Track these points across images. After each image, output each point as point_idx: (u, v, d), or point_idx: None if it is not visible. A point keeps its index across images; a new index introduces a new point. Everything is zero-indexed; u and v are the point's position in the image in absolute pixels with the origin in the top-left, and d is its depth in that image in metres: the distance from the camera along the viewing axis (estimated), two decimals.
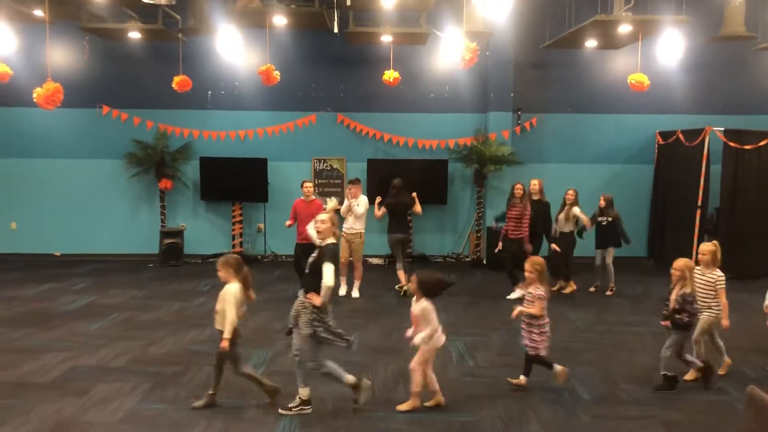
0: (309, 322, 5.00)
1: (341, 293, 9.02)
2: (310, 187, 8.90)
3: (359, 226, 9.11)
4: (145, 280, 10.18)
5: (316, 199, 8.93)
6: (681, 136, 10.95)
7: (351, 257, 9.14)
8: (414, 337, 5.17)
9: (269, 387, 5.31)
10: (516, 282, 9.04)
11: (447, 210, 12.08)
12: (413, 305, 5.21)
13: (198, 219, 12.04)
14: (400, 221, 9.33)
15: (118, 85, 11.61)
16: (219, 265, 5.28)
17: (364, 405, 5.18)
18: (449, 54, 8.81)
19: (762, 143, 10.42)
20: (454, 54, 7.83)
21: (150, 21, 9.42)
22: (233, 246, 11.95)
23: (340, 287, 9.06)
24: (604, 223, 9.22)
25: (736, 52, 11.39)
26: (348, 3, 8.40)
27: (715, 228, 10.74)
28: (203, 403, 5.19)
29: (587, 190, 10.51)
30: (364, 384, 5.23)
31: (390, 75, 9.94)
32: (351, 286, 9.17)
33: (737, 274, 9.24)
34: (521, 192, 8.99)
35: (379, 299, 8.96)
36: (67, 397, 5.37)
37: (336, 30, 9.20)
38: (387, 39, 9.81)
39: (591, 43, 10.08)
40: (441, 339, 5.20)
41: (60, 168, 11.79)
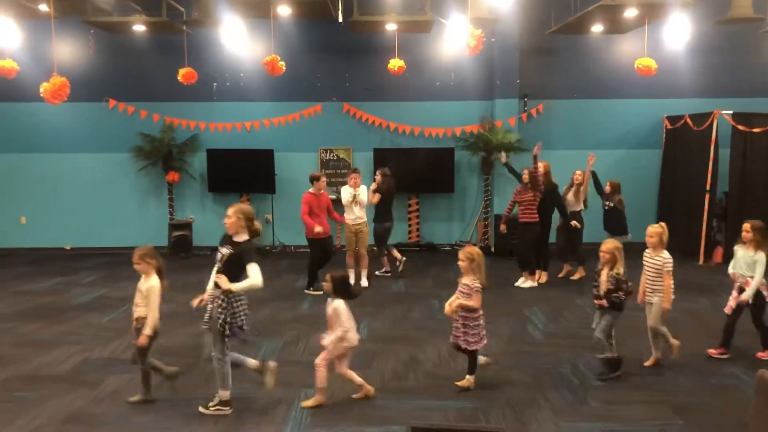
0: (218, 315, 4.88)
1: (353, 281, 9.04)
2: (324, 182, 8.88)
3: (363, 215, 9.13)
4: None
5: (325, 192, 8.91)
6: (689, 120, 10.88)
7: (357, 247, 9.13)
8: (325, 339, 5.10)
9: (168, 372, 5.27)
10: (526, 269, 9.05)
11: (454, 198, 12.07)
12: (327, 305, 5.14)
13: (206, 211, 12.07)
14: (388, 209, 9.44)
15: (123, 79, 11.63)
16: (138, 258, 5.11)
17: (273, 388, 5.16)
18: (454, 41, 8.77)
19: None
20: (459, 41, 7.80)
21: (154, 13, 9.41)
22: None
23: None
24: (606, 208, 9.21)
25: (743, 34, 11.29)
26: None
27: (724, 212, 10.69)
28: (140, 398, 5.15)
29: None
30: (269, 366, 5.16)
31: (395, 63, 9.92)
32: (357, 276, 9.18)
33: None
34: (527, 178, 8.97)
35: (387, 288, 8.97)
36: (79, 390, 5.42)
37: (340, 19, 9.16)
38: (391, 27, 9.78)
39: (597, 28, 10.00)
40: (354, 338, 5.11)
41: (68, 162, 11.84)
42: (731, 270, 6.15)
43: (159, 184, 11.91)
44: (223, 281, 4.85)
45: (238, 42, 9.51)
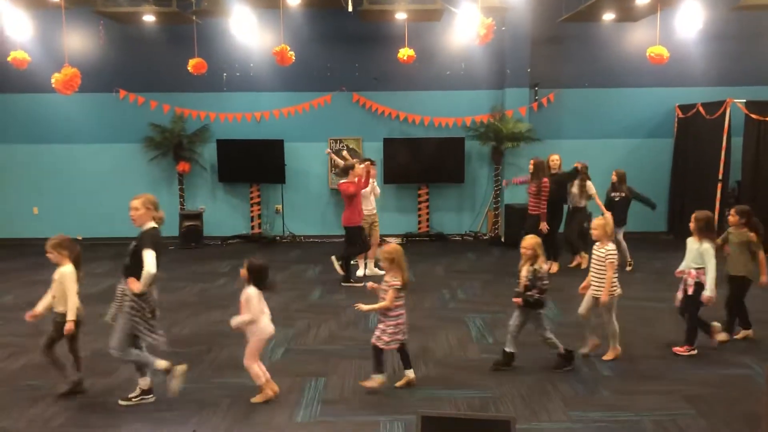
0: (128, 312, 4.84)
1: (359, 273, 9.06)
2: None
3: (374, 206, 9.14)
4: (166, 262, 10.15)
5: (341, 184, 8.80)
6: (701, 109, 10.79)
7: (369, 237, 9.13)
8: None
9: (72, 379, 5.17)
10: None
11: (464, 188, 12.04)
12: (242, 292, 5.07)
13: (216, 201, 12.12)
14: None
15: (134, 69, 11.66)
16: (50, 247, 5.14)
17: (176, 393, 4.96)
18: (464, 30, 8.72)
19: None
20: (469, 30, 7.75)
21: (164, 4, 9.42)
22: (252, 227, 12.03)
23: (358, 269, 9.11)
24: (616, 199, 9.16)
25: (757, 21, 11.17)
26: None
27: (737, 201, 10.60)
28: (66, 389, 5.12)
29: (606, 165, 10.40)
30: (178, 369, 5.00)
31: (405, 53, 9.88)
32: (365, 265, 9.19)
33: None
34: (532, 168, 8.94)
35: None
36: (93, 378, 5.46)
37: (350, 8, 9.14)
38: (401, 16, 9.73)
39: (609, 16, 9.92)
40: (267, 329, 5.04)
41: (79, 153, 11.91)
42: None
43: (170, 174, 11.95)
44: (133, 284, 4.88)
45: (247, 32, 9.49)
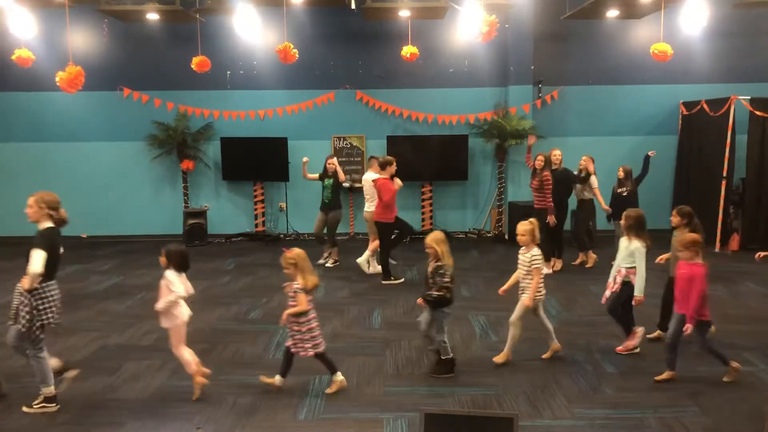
0: (26, 313, 4.80)
1: (370, 271, 9.08)
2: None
3: None
4: None
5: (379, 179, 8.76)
6: (705, 105, 10.76)
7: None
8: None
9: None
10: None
11: (468, 185, 12.04)
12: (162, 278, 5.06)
13: (220, 199, 12.14)
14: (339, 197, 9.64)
15: (138, 67, 11.67)
16: None
17: (63, 392, 4.97)
18: (468, 28, 8.70)
19: None
20: (472, 27, 7.74)
21: (168, 2, 9.41)
22: (256, 225, 12.05)
23: (369, 266, 9.15)
24: (624, 194, 9.14)
25: (762, 18, 11.12)
26: None
27: (741, 199, 10.60)
28: None
29: (610, 162, 10.39)
30: (68, 375, 5.05)
31: (408, 50, 9.86)
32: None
33: (764, 245, 9.23)
34: (541, 163, 8.94)
35: (400, 275, 8.96)
36: (98, 375, 5.49)
37: (353, 6, 9.13)
38: (404, 14, 9.72)
39: (612, 13, 9.89)
40: (183, 314, 5.01)
41: (84, 151, 11.93)
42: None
43: (174, 172, 11.98)
44: (24, 281, 4.80)
45: (251, 30, 9.48)
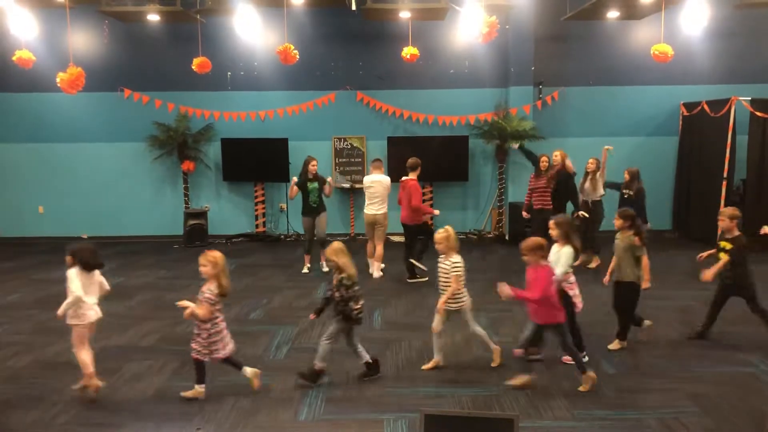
0: None
1: (377, 275, 9.05)
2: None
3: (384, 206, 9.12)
4: (171, 260, 10.32)
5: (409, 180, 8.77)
6: (706, 106, 10.76)
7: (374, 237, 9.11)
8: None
9: None
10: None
11: (468, 186, 12.04)
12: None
13: (221, 200, 12.14)
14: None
15: (138, 68, 11.68)
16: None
17: None
18: (468, 29, 8.70)
19: None
20: (473, 28, 7.75)
21: (168, 3, 9.43)
22: (256, 226, 12.05)
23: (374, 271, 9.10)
24: (626, 197, 9.15)
25: (762, 19, 11.12)
26: None
27: (741, 200, 10.59)
28: None
29: (611, 163, 10.35)
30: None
31: (408, 51, 9.87)
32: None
33: (766, 246, 9.17)
34: (546, 165, 8.95)
35: (401, 276, 8.97)
36: (99, 376, 5.48)
37: (353, 7, 9.13)
38: (405, 15, 9.72)
39: (613, 14, 9.89)
40: (90, 316, 5.00)
41: (84, 152, 11.94)
42: None
43: (174, 173, 11.98)
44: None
45: (251, 31, 9.49)
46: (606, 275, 6.25)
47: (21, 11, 7.60)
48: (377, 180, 8.98)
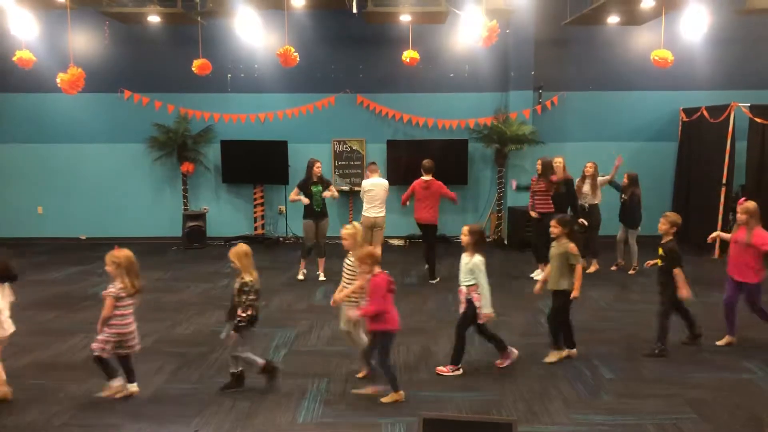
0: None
1: None
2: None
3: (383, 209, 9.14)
4: (169, 262, 10.31)
5: (434, 180, 8.83)
6: (705, 112, 10.77)
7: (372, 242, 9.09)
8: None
9: None
10: (541, 260, 9.02)
11: (467, 190, 12.03)
12: None
13: (220, 202, 12.13)
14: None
15: (138, 70, 11.68)
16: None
17: None
18: (469, 32, 8.72)
19: None
20: (473, 32, 7.76)
21: (169, 4, 9.44)
22: (255, 228, 12.05)
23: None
24: (621, 200, 9.21)
25: (762, 25, 11.14)
26: None
27: None
28: None
29: (610, 168, 10.39)
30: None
31: (409, 55, 9.88)
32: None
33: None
34: (540, 168, 8.95)
35: (400, 281, 8.97)
36: (96, 377, 5.45)
37: (354, 10, 9.14)
38: (406, 18, 9.73)
39: (613, 19, 9.91)
40: (7, 328, 5.01)
41: (84, 153, 11.93)
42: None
43: (173, 174, 11.97)
44: None
45: (252, 33, 9.51)
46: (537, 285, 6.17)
47: (21, 12, 7.61)
48: (377, 183, 8.99)
